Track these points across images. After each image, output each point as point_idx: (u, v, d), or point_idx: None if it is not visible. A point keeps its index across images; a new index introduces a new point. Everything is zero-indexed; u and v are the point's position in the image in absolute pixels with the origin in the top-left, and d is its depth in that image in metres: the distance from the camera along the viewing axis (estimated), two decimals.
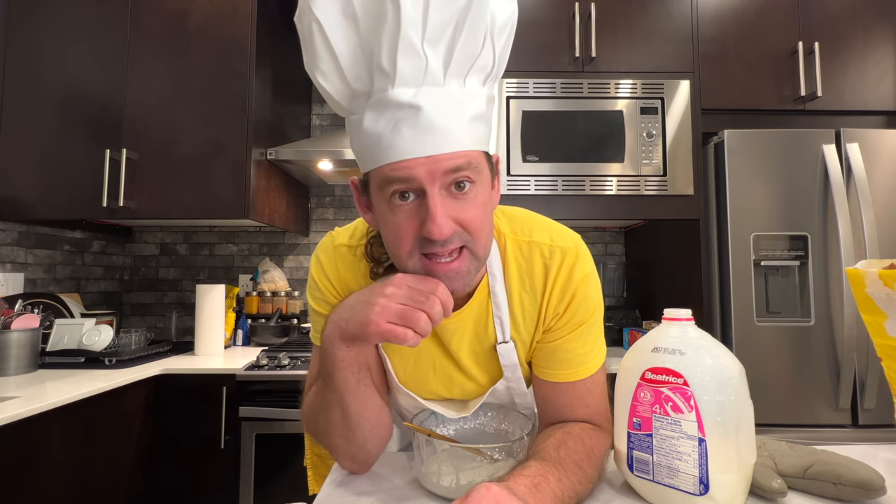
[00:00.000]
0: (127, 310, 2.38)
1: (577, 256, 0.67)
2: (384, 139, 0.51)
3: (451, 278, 0.55)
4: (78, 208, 1.80)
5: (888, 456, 0.75)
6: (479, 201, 0.55)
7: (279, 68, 2.12)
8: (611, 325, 2.11)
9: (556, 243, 0.67)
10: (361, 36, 0.51)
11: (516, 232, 0.68)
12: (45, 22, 1.83)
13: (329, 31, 0.51)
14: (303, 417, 0.73)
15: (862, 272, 0.61)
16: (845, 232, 1.59)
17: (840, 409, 1.61)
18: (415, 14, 0.48)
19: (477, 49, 0.51)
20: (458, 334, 0.68)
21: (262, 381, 1.63)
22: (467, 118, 0.52)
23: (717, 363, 0.57)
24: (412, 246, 0.54)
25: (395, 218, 0.53)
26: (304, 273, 2.42)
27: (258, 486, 1.62)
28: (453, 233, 0.53)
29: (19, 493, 1.16)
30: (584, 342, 0.67)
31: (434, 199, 0.51)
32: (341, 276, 0.69)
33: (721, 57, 1.89)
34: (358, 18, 0.50)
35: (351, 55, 0.52)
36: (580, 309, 0.66)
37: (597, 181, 1.83)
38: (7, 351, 1.51)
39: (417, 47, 0.49)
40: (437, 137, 0.50)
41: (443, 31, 0.50)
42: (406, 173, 0.51)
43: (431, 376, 0.72)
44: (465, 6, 0.49)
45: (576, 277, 0.66)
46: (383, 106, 0.51)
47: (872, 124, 1.91)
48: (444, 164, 0.51)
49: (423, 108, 0.50)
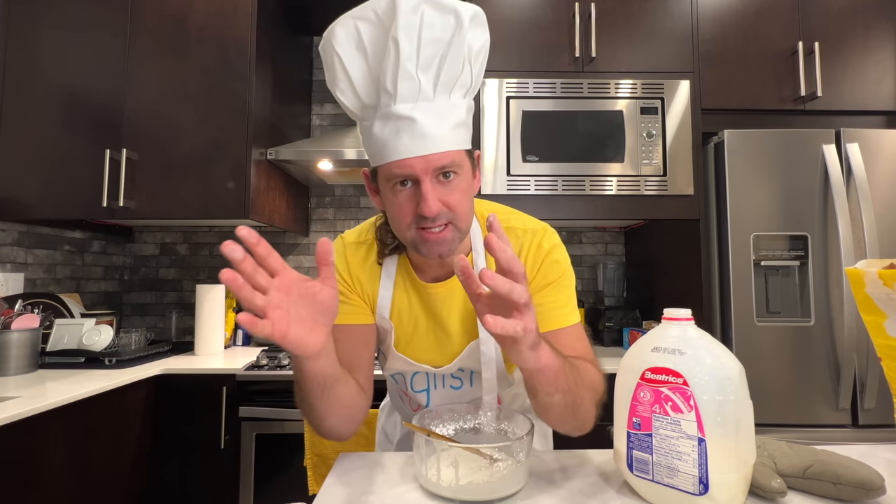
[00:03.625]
0: (127, 310, 2.38)
1: (545, 234, 0.82)
2: (389, 143, 0.67)
3: (438, 244, 0.70)
4: (78, 208, 1.80)
5: (888, 456, 0.75)
6: (461, 188, 0.71)
7: (279, 68, 2.12)
8: (611, 325, 2.11)
9: (527, 227, 0.83)
10: (370, 64, 0.68)
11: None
12: (45, 22, 1.83)
13: (346, 61, 0.68)
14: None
15: (862, 272, 0.61)
16: (845, 232, 1.59)
17: (840, 409, 1.61)
18: (410, 50, 0.64)
19: (458, 71, 0.68)
20: (448, 301, 0.82)
21: (262, 381, 1.63)
22: (451, 125, 0.68)
23: (716, 363, 0.57)
24: (410, 221, 0.70)
25: (398, 200, 0.70)
26: (304, 273, 2.41)
27: (258, 486, 1.62)
28: (440, 211, 0.68)
29: (20, 492, 1.16)
30: (557, 296, 0.79)
31: (426, 186, 0.67)
32: (351, 268, 0.83)
33: (721, 57, 1.89)
34: (367, 52, 0.67)
35: (362, 78, 0.68)
36: (550, 269, 0.80)
37: (597, 181, 1.83)
38: (7, 351, 1.51)
39: (412, 73, 0.65)
40: (429, 141, 0.66)
41: (432, 60, 0.66)
42: (406, 169, 0.67)
43: (425, 343, 0.84)
44: (448, 42, 0.66)
45: (544, 247, 0.81)
46: (387, 117, 0.67)
47: (872, 124, 1.91)
48: (435, 162, 0.67)
49: (418, 120, 0.65)
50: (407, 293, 0.83)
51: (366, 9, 0.66)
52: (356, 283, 0.83)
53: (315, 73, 2.52)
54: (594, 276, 2.39)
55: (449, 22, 0.66)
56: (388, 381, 0.94)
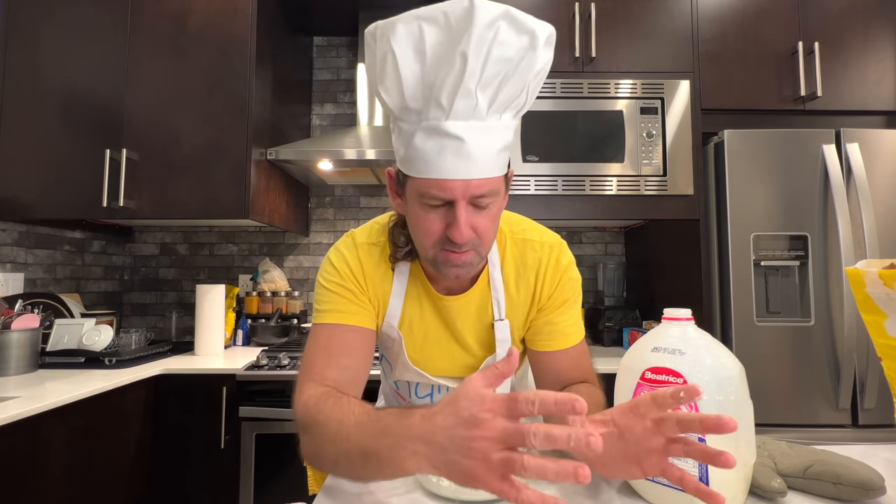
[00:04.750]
0: (127, 310, 2.38)
1: (562, 250, 0.83)
2: (430, 157, 0.62)
3: (459, 266, 0.69)
4: (78, 208, 1.80)
5: (888, 456, 0.75)
6: (492, 213, 0.68)
7: (279, 68, 2.12)
8: (611, 325, 2.10)
9: (544, 240, 0.83)
10: (425, 69, 0.62)
11: (513, 231, 0.84)
12: (45, 22, 1.83)
13: (400, 60, 0.61)
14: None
15: (862, 272, 0.61)
16: (845, 232, 1.59)
17: (840, 409, 1.61)
18: (475, 66, 0.59)
19: (517, 92, 0.63)
20: (462, 314, 0.81)
21: (262, 381, 1.63)
22: (497, 149, 0.64)
23: (717, 363, 0.57)
24: (436, 241, 0.67)
25: (427, 216, 0.66)
26: (304, 273, 2.42)
27: (258, 486, 1.62)
28: (470, 239, 0.66)
29: (19, 492, 1.16)
30: (569, 315, 0.82)
31: (461, 212, 0.64)
32: (364, 267, 0.79)
33: (721, 57, 1.89)
34: (426, 56, 0.61)
35: (413, 81, 0.63)
36: (566, 288, 0.82)
37: (597, 181, 1.83)
38: (7, 351, 1.51)
39: (472, 91, 0.60)
40: (473, 166, 0.62)
41: (494, 78, 0.61)
42: (445, 192, 0.63)
43: (437, 353, 0.83)
44: (517, 63, 0.61)
45: (562, 263, 0.82)
46: (434, 131, 0.62)
47: (872, 124, 1.91)
48: (474, 188, 0.63)
49: (466, 141, 0.61)
50: (419, 302, 0.81)
51: (436, 11, 0.60)
52: (369, 285, 0.79)
53: (315, 73, 2.51)
54: (594, 276, 2.39)
55: (522, 42, 0.60)
56: (385, 385, 0.93)
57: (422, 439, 0.49)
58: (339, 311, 0.76)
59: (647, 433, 0.49)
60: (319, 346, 0.74)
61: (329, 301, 0.77)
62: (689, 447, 0.48)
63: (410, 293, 0.81)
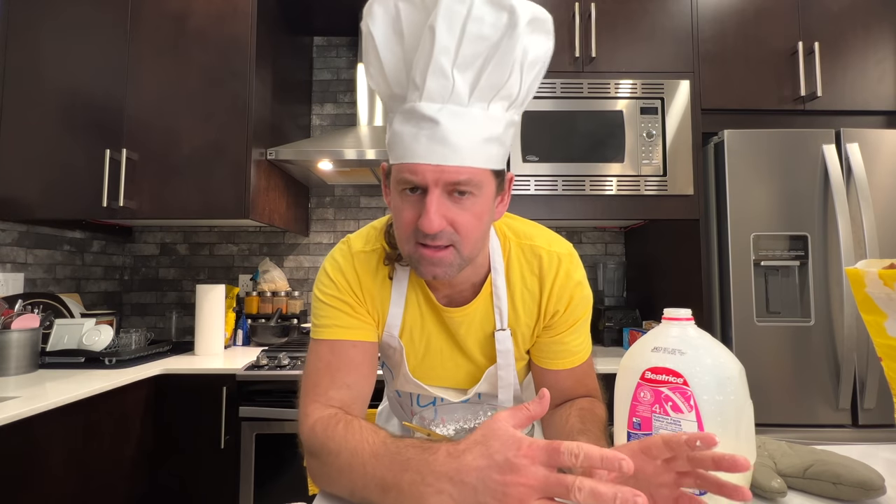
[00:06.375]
0: (127, 310, 2.38)
1: (572, 262, 0.77)
2: (405, 141, 0.59)
3: (434, 263, 0.63)
4: (78, 208, 1.80)
5: (888, 456, 0.75)
6: (475, 211, 0.62)
7: (279, 68, 2.12)
8: (611, 325, 2.10)
9: (553, 248, 0.77)
10: (405, 50, 0.60)
11: (519, 237, 0.79)
12: (45, 22, 1.83)
13: (379, 43, 0.60)
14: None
15: (862, 272, 0.61)
16: (845, 232, 1.59)
17: (840, 409, 1.61)
18: (448, 43, 0.56)
19: (503, 79, 0.59)
20: (465, 324, 0.77)
21: (263, 381, 1.63)
22: (480, 139, 0.59)
23: (716, 363, 0.57)
24: (410, 233, 0.63)
25: (402, 205, 0.63)
26: (304, 273, 2.42)
27: (258, 486, 1.62)
28: (442, 230, 0.60)
29: (19, 493, 1.16)
30: (579, 335, 0.79)
31: (431, 198, 0.59)
32: (360, 277, 0.75)
33: (721, 57, 1.89)
34: (404, 35, 0.60)
35: (394, 64, 0.61)
36: (578, 307, 0.77)
37: (597, 181, 1.83)
38: (7, 351, 1.51)
39: (447, 71, 0.57)
40: (448, 150, 0.58)
41: (473, 60, 0.57)
42: (416, 176, 0.59)
43: (439, 362, 0.80)
44: (496, 43, 0.57)
45: (574, 278, 0.77)
46: (411, 114, 0.59)
47: (872, 124, 1.91)
48: (449, 175, 0.59)
49: (441, 124, 0.57)
50: (420, 310, 0.78)
51: None
52: (367, 297, 0.75)
53: (315, 73, 2.51)
54: (594, 276, 2.39)
55: (501, 20, 0.57)
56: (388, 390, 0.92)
57: (448, 478, 0.47)
58: (339, 325, 0.73)
59: (658, 470, 0.48)
60: (321, 365, 0.72)
61: (327, 315, 0.74)
62: (701, 479, 0.47)
63: (410, 301, 0.77)
